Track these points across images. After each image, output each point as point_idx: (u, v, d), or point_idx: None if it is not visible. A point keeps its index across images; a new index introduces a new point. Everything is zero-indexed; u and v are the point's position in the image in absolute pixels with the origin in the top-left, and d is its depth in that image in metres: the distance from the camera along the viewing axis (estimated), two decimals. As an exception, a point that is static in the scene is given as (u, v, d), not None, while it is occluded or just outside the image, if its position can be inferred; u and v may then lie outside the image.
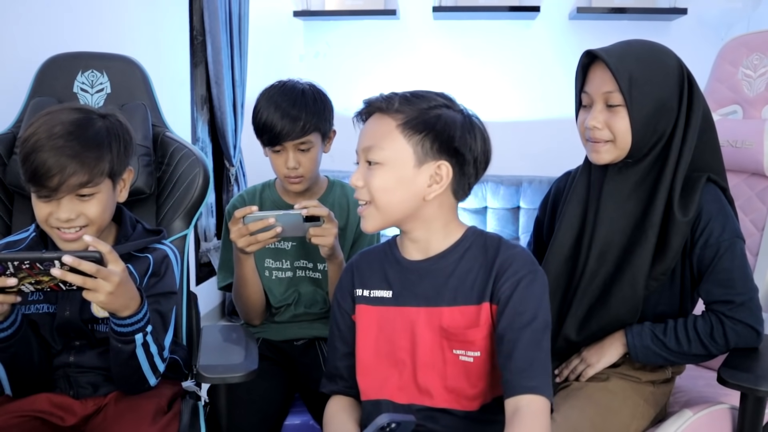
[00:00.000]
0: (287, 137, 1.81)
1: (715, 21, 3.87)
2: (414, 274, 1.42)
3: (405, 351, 1.40)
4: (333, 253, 1.76)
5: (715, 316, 1.53)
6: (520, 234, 3.92)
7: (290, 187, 1.90)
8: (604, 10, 3.91)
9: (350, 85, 4.13)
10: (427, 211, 1.37)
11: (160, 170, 1.93)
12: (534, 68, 4.12)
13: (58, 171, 1.37)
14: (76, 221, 1.44)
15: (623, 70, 1.51)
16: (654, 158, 1.57)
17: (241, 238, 1.68)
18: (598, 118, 1.56)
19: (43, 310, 1.53)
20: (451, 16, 4.14)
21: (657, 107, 1.53)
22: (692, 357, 1.58)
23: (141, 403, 1.52)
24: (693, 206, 1.52)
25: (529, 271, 1.35)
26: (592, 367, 1.63)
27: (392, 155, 1.34)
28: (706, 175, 1.57)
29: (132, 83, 1.97)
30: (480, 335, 1.35)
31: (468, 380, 1.37)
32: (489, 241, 1.41)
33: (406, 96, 1.37)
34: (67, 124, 1.42)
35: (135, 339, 1.41)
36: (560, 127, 1.76)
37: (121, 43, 2.72)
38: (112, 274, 1.30)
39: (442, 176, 1.34)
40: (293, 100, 1.82)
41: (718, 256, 1.52)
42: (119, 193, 1.55)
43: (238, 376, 1.52)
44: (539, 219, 1.87)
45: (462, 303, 1.37)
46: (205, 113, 3.91)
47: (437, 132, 1.33)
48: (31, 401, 1.49)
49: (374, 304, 1.45)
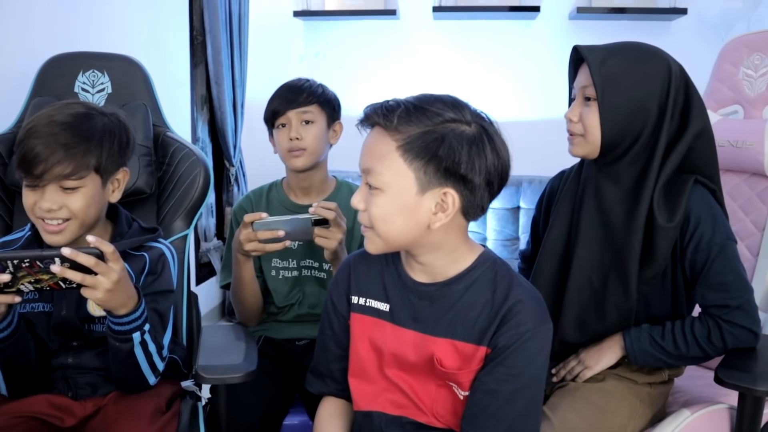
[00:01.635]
0: (290, 106, 1.90)
1: (715, 21, 3.88)
2: (415, 296, 1.34)
3: (396, 367, 1.36)
4: (336, 257, 1.76)
5: (711, 319, 1.54)
6: (520, 234, 3.92)
7: (291, 161, 1.92)
8: (604, 10, 3.92)
9: (350, 86, 4.11)
10: (434, 238, 1.26)
11: (160, 170, 1.94)
12: (534, 68, 4.12)
13: (43, 159, 1.38)
14: (59, 212, 1.44)
15: (602, 66, 1.52)
16: (632, 159, 1.56)
17: (250, 242, 1.71)
18: (574, 111, 1.59)
19: (39, 309, 1.53)
20: (451, 16, 4.14)
21: (632, 108, 1.52)
22: (690, 359, 1.59)
23: (140, 403, 1.51)
24: (679, 210, 1.52)
25: (534, 325, 1.25)
26: (590, 369, 1.64)
27: (391, 181, 1.21)
28: (694, 177, 1.56)
29: (133, 83, 1.97)
30: (471, 377, 1.29)
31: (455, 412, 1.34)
32: (500, 276, 1.31)
33: (408, 109, 1.21)
34: (66, 116, 1.44)
35: (133, 338, 1.41)
36: (560, 127, 1.75)
37: (120, 43, 2.72)
38: (112, 270, 1.30)
39: (448, 204, 1.22)
40: (297, 83, 1.96)
41: (710, 261, 1.52)
42: (111, 192, 1.54)
43: (237, 377, 1.52)
44: (535, 218, 1.89)
45: (460, 338, 1.29)
46: (205, 113, 3.92)
47: (440, 158, 1.18)
48: (30, 402, 1.49)
49: (369, 315, 1.39)
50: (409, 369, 1.35)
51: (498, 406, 1.25)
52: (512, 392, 1.25)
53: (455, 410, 1.33)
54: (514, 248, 3.89)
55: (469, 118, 1.22)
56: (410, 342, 1.33)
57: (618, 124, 1.53)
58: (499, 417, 1.26)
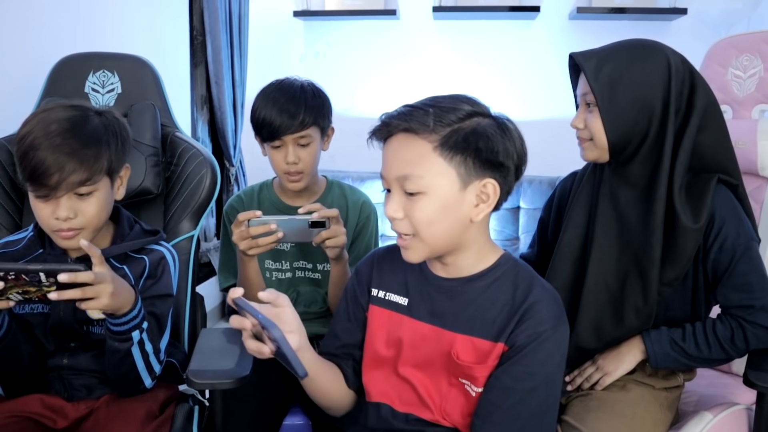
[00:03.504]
0: (287, 130, 1.81)
1: (715, 21, 3.87)
2: (435, 290, 1.37)
3: (410, 363, 1.38)
4: (341, 257, 1.77)
5: (734, 320, 1.53)
6: (521, 234, 3.92)
7: (290, 185, 1.90)
8: (604, 10, 3.90)
9: (350, 86, 4.18)
10: (471, 234, 1.30)
11: (168, 170, 1.95)
12: (534, 68, 4.11)
13: (57, 169, 1.37)
14: (74, 221, 1.44)
15: (598, 73, 1.51)
16: (643, 159, 1.56)
17: (243, 241, 1.69)
18: (579, 118, 1.61)
19: (37, 310, 1.54)
20: (451, 16, 4.13)
21: (634, 108, 1.52)
22: (712, 361, 1.59)
23: (132, 406, 1.52)
24: (704, 211, 1.50)
25: (551, 326, 1.28)
26: (609, 375, 1.62)
27: (434, 182, 1.23)
28: (716, 176, 1.55)
29: (143, 83, 2.00)
30: (486, 373, 1.30)
31: (467, 410, 1.34)
32: (521, 276, 1.34)
33: (436, 110, 1.24)
34: (63, 121, 1.42)
35: (132, 336, 1.42)
36: (560, 127, 1.80)
37: (121, 42, 2.72)
38: (105, 276, 1.31)
39: (489, 194, 1.26)
40: (292, 95, 1.84)
41: (734, 261, 1.51)
42: (116, 190, 1.55)
43: (228, 383, 1.47)
44: (543, 220, 1.87)
45: (478, 335, 1.31)
46: (205, 113, 3.90)
47: (480, 150, 1.23)
48: (24, 402, 1.50)
49: (387, 308, 1.42)
50: (422, 364, 1.37)
51: (513, 403, 1.27)
52: (527, 390, 1.26)
53: (463, 410, 1.35)
54: (515, 248, 3.88)
55: (485, 110, 1.29)
56: (426, 336, 1.36)
57: (622, 127, 1.53)
58: (514, 414, 1.27)
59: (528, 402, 1.27)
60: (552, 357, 1.29)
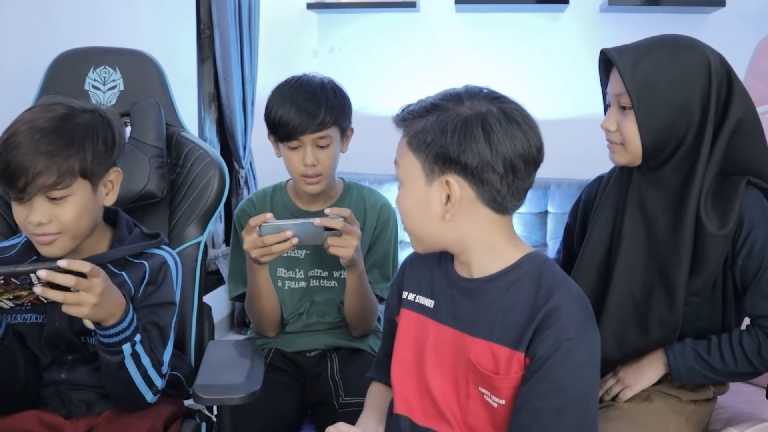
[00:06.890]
0: (306, 130, 1.81)
1: (756, 14, 3.82)
2: (456, 291, 1.38)
3: (432, 370, 1.38)
4: (354, 263, 1.76)
5: (762, 332, 1.51)
6: (548, 240, 3.91)
7: (307, 188, 1.89)
8: (637, 2, 3.88)
9: (367, 83, 4.16)
10: (460, 231, 1.30)
11: (174, 173, 1.94)
12: (562, 64, 4.11)
13: (23, 171, 1.36)
14: (48, 227, 1.41)
15: (634, 71, 1.49)
16: (676, 164, 1.54)
17: (255, 249, 1.68)
18: (610, 120, 1.58)
19: (31, 320, 1.53)
20: (474, 9, 4.13)
21: (672, 112, 1.50)
22: (738, 375, 1.57)
23: (134, 423, 1.50)
24: (732, 216, 1.49)
25: (576, 334, 1.23)
26: (630, 388, 1.61)
27: (407, 173, 1.32)
28: (746, 178, 1.53)
29: (146, 80, 1.98)
30: (508, 384, 1.28)
31: (492, 424, 1.32)
32: (546, 276, 1.30)
33: (417, 105, 1.31)
34: (47, 119, 1.41)
35: (123, 349, 1.41)
36: (590, 127, 1.77)
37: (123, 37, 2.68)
38: (94, 285, 1.30)
39: (453, 193, 1.26)
40: (311, 92, 1.84)
41: (763, 268, 1.49)
42: (104, 196, 1.52)
43: (238, 398, 1.47)
44: (569, 226, 1.86)
45: (497, 340, 1.29)
46: (212, 112, 3.91)
47: (431, 145, 1.26)
48: (20, 419, 1.49)
49: (415, 311, 1.44)
50: (443, 370, 1.37)
51: (543, 425, 1.23)
52: (558, 409, 1.23)
53: (486, 423, 1.33)
54: (542, 256, 3.86)
55: (466, 103, 1.28)
56: (449, 340, 1.36)
57: (659, 131, 1.51)
58: None
59: (561, 422, 1.23)
60: (582, 369, 1.25)
